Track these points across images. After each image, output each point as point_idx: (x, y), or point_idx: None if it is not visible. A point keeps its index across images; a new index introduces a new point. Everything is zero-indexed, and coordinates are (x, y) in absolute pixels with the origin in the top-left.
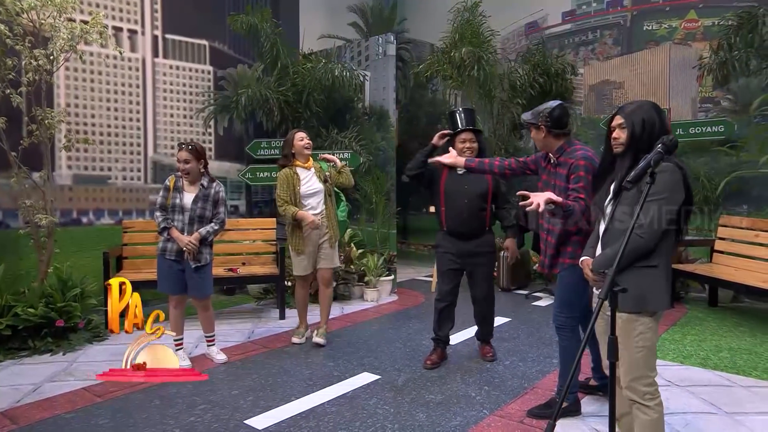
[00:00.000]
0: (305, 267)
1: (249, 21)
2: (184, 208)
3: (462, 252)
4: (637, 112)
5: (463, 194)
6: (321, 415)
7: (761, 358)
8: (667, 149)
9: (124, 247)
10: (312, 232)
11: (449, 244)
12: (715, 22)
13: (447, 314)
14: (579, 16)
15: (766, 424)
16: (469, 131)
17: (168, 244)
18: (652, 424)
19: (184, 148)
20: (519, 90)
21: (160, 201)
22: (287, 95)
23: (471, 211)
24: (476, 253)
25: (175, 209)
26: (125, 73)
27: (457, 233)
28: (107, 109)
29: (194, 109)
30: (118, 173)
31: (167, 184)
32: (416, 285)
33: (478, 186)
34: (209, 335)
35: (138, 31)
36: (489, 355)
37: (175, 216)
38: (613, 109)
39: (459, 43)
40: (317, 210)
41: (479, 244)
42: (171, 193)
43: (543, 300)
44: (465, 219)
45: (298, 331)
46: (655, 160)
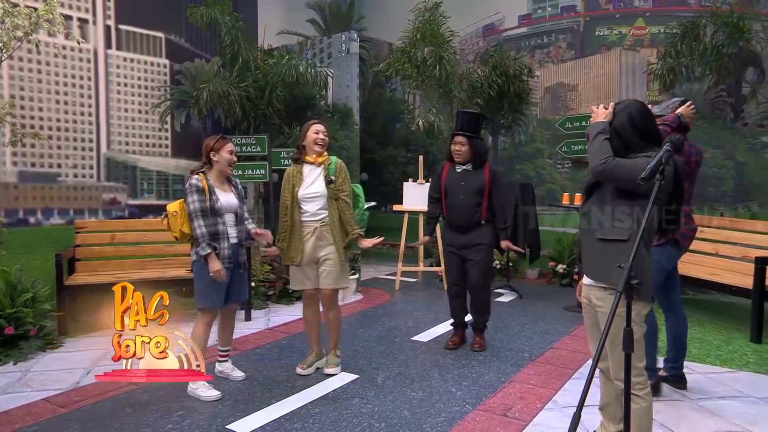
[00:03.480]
0: (301, 280)
1: (210, 14)
2: (226, 209)
3: (460, 243)
4: (623, 112)
5: (460, 190)
6: (305, 417)
7: (712, 345)
8: (675, 148)
9: (77, 248)
10: (308, 241)
11: (450, 237)
12: (661, 30)
13: (459, 303)
14: (534, 19)
15: (728, 407)
16: (462, 135)
17: (224, 250)
18: (643, 412)
19: (228, 139)
20: (478, 90)
21: (200, 206)
22: (249, 91)
23: (467, 205)
24: (472, 245)
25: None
26: (75, 65)
27: (455, 226)
28: (56, 102)
29: (150, 104)
30: (68, 170)
31: (199, 184)
32: (379, 284)
33: (474, 183)
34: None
35: (89, 20)
36: (476, 345)
37: (218, 220)
38: (567, 111)
39: (419, 43)
40: (317, 218)
41: (475, 236)
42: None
43: (505, 296)
44: (462, 213)
45: (307, 359)
46: (666, 157)
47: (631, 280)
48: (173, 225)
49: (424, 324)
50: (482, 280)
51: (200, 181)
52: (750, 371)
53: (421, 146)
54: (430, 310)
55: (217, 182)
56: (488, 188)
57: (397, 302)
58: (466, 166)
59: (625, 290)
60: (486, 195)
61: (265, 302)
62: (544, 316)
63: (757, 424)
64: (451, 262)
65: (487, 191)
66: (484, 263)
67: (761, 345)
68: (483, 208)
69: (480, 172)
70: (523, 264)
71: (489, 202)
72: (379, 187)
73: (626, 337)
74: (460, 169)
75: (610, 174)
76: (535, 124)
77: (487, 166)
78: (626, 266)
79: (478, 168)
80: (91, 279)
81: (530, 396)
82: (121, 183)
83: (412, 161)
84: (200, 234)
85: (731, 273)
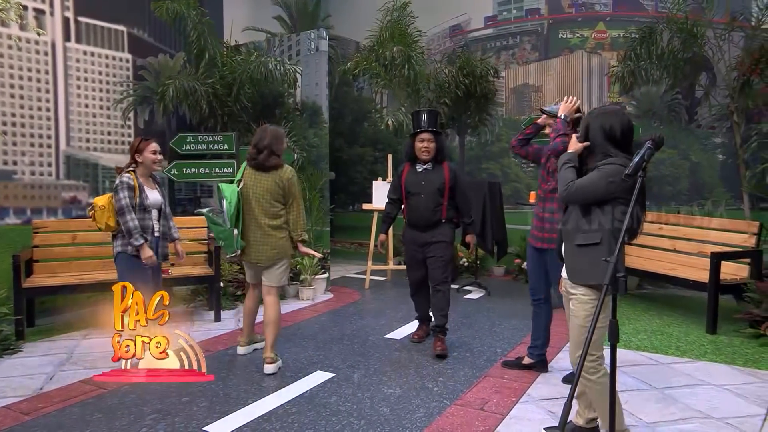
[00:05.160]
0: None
1: (175, 8)
2: (153, 205)
3: (421, 242)
4: (598, 118)
5: (420, 189)
6: (283, 417)
7: (672, 337)
8: (656, 145)
9: (35, 249)
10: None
11: (411, 236)
12: (621, 34)
13: (421, 298)
14: (500, 21)
15: (690, 395)
16: (428, 132)
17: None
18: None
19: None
20: (445, 90)
21: (130, 202)
22: (216, 88)
23: (427, 204)
24: (432, 243)
25: (143, 209)
26: (32, 57)
27: (415, 225)
28: (11, 96)
29: (112, 99)
30: (25, 168)
31: (130, 182)
32: (348, 282)
33: (436, 181)
34: None
35: (46, 11)
36: (439, 348)
37: (145, 216)
38: (531, 111)
39: (388, 42)
40: None
41: (435, 234)
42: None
43: (473, 293)
44: (421, 212)
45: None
46: (648, 154)
47: (617, 274)
48: (99, 217)
49: (396, 321)
50: (442, 275)
51: (131, 179)
52: (708, 361)
53: (389, 145)
54: (401, 308)
55: (144, 180)
56: (449, 186)
57: (367, 300)
58: (426, 165)
59: (611, 283)
60: (446, 193)
61: (234, 302)
62: (512, 312)
63: (717, 410)
64: (413, 260)
65: (448, 189)
66: (444, 259)
67: (716, 336)
68: (443, 207)
69: (440, 171)
70: (490, 261)
71: (450, 201)
72: (347, 186)
73: (611, 328)
74: (420, 168)
75: (573, 196)
76: (501, 124)
77: (446, 164)
78: (611, 260)
79: (437, 166)
80: (51, 281)
81: (505, 390)
82: (82, 181)
83: (379, 160)
84: (133, 227)
85: (688, 268)
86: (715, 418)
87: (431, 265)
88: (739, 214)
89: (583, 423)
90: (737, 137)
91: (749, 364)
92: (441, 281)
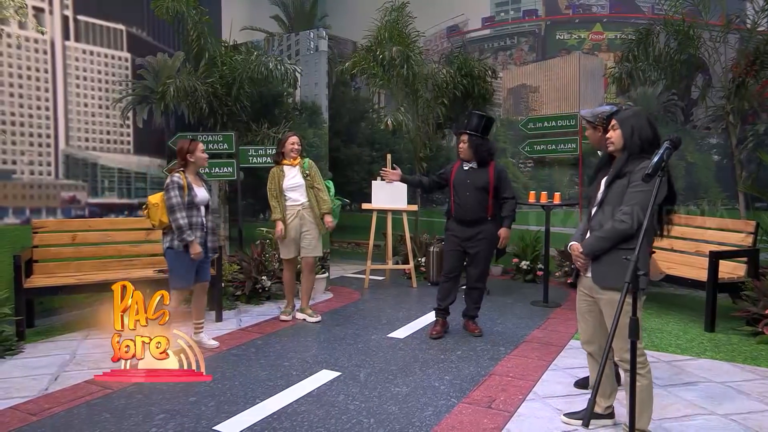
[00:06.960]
0: (289, 251)
1: (174, 7)
2: (201, 202)
3: (465, 236)
4: (630, 119)
5: (466, 187)
6: (293, 416)
7: (671, 335)
8: (674, 145)
9: (35, 249)
10: (292, 222)
11: (456, 229)
12: (618, 36)
13: (449, 288)
14: (497, 22)
15: (694, 392)
16: (466, 133)
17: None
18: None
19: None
20: (444, 90)
21: (181, 200)
22: (216, 87)
23: (473, 201)
24: (477, 238)
25: (192, 207)
26: (31, 56)
27: (462, 220)
28: (10, 95)
29: (111, 98)
30: (24, 167)
31: (180, 182)
32: (347, 282)
33: (480, 180)
34: (200, 322)
35: (45, 9)
36: (477, 330)
37: (194, 213)
38: (529, 112)
39: (386, 42)
40: (298, 202)
41: (480, 230)
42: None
43: None
44: (468, 208)
45: (285, 309)
46: (667, 155)
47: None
48: (153, 214)
49: (398, 321)
50: (481, 270)
51: (181, 179)
52: (708, 358)
53: (386, 145)
54: (402, 308)
55: (192, 179)
56: (493, 185)
57: (367, 300)
58: (471, 164)
59: (632, 281)
60: (491, 192)
61: (234, 302)
62: (512, 311)
63: (721, 406)
64: (452, 251)
65: (492, 188)
66: (484, 254)
67: (714, 334)
68: (489, 205)
69: (485, 170)
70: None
71: (494, 200)
72: (344, 185)
73: (632, 326)
74: (467, 166)
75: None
76: (499, 124)
77: (492, 164)
78: (632, 259)
79: (483, 166)
80: (51, 281)
81: (511, 388)
82: (81, 181)
83: (377, 160)
84: (184, 224)
85: (686, 267)
86: (719, 414)
87: (475, 258)
88: (734, 213)
89: (602, 411)
90: (733, 138)
91: (749, 362)
92: (479, 277)
